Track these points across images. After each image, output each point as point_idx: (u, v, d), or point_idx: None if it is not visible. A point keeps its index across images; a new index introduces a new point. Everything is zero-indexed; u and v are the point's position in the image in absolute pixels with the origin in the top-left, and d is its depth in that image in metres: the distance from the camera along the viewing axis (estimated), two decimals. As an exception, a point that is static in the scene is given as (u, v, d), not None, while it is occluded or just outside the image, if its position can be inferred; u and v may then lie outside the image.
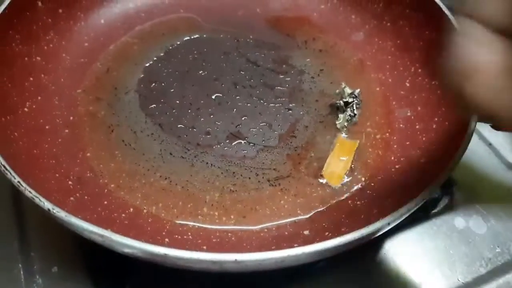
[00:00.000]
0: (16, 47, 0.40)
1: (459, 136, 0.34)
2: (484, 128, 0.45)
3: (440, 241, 0.40)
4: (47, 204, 0.28)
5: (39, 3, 0.43)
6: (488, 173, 0.45)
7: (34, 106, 0.39)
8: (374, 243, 0.39)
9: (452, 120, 0.38)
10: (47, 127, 0.39)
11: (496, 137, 0.47)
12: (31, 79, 0.41)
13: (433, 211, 0.42)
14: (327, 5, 0.51)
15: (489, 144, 0.47)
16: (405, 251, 0.39)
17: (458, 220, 0.41)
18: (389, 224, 0.28)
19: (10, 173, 0.30)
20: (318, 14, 0.51)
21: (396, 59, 0.46)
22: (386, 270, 0.38)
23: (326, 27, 0.50)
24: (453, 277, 0.38)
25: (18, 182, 0.29)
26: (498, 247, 0.39)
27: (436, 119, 0.40)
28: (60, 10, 0.45)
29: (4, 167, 0.30)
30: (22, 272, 0.36)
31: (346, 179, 0.38)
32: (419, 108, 0.42)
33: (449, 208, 0.42)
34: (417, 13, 0.45)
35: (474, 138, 0.47)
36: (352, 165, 0.39)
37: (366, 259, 0.39)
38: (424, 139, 0.39)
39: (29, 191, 0.29)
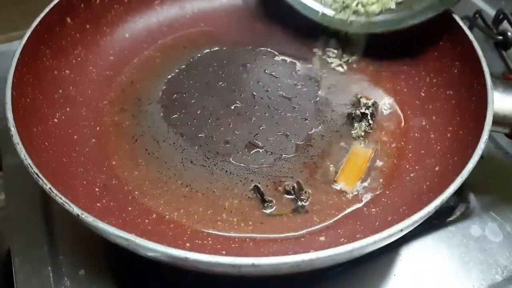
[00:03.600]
0: (47, 61, 0.43)
1: (472, 145, 0.34)
2: (501, 138, 0.45)
3: (456, 249, 0.40)
4: (76, 210, 0.30)
5: (68, 19, 0.45)
6: (504, 181, 0.45)
7: (63, 117, 0.42)
8: (391, 249, 0.40)
9: (466, 129, 0.38)
10: (75, 137, 0.41)
11: (513, 146, 0.47)
12: (60, 91, 0.43)
13: (449, 219, 0.42)
14: (344, 17, 0.52)
15: (506, 153, 0.47)
16: (421, 258, 0.40)
17: (474, 228, 0.41)
18: (401, 230, 0.29)
19: (42, 180, 0.31)
20: (334, 26, 0.52)
21: (411, 69, 0.47)
22: (403, 277, 0.39)
23: (343, 39, 0.51)
24: (468, 284, 0.38)
25: (50, 188, 0.31)
26: (514, 255, 0.40)
27: (450, 128, 0.40)
28: (88, 26, 0.47)
29: (37, 174, 0.32)
30: (51, 275, 0.38)
31: (361, 187, 0.39)
32: (433, 118, 0.42)
33: (465, 216, 0.42)
34: (431, 24, 0.45)
35: (491, 147, 0.47)
36: (367, 173, 0.40)
37: (383, 265, 0.39)
38: (438, 147, 0.40)
39: (60, 197, 0.31)
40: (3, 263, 0.45)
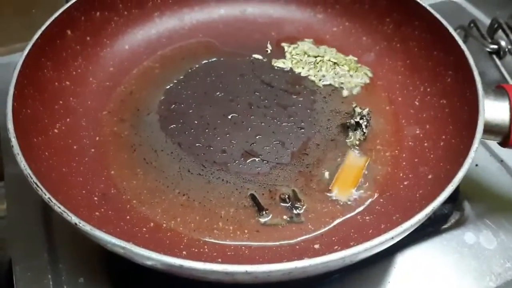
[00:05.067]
0: (48, 73, 0.43)
1: (464, 154, 0.35)
2: (496, 146, 0.46)
3: (451, 256, 0.41)
4: (74, 219, 0.31)
5: (69, 32, 0.46)
6: (499, 189, 0.45)
7: (63, 128, 0.42)
8: (386, 257, 0.41)
9: (459, 138, 0.39)
10: (75, 147, 0.42)
11: (508, 154, 0.47)
12: (60, 102, 0.44)
13: (444, 226, 0.43)
14: (339, 27, 0.53)
15: (501, 161, 0.47)
16: (416, 265, 0.40)
17: (469, 235, 0.42)
18: (392, 238, 0.30)
19: (41, 189, 0.32)
20: (330, 36, 0.53)
21: (405, 79, 0.47)
22: (397, 284, 0.39)
23: (339, 49, 0.52)
24: (462, 291, 0.39)
25: (49, 198, 0.32)
26: (508, 262, 0.40)
27: (443, 136, 0.41)
28: (88, 38, 0.48)
29: (36, 184, 0.32)
30: (51, 283, 0.39)
31: (355, 195, 0.39)
32: (427, 126, 0.43)
33: (460, 223, 0.43)
34: (425, 34, 0.46)
35: (486, 155, 0.48)
36: (362, 181, 0.40)
37: (378, 272, 0.40)
38: (432, 156, 0.40)
39: (58, 207, 0.31)
40: (6, 271, 0.46)
